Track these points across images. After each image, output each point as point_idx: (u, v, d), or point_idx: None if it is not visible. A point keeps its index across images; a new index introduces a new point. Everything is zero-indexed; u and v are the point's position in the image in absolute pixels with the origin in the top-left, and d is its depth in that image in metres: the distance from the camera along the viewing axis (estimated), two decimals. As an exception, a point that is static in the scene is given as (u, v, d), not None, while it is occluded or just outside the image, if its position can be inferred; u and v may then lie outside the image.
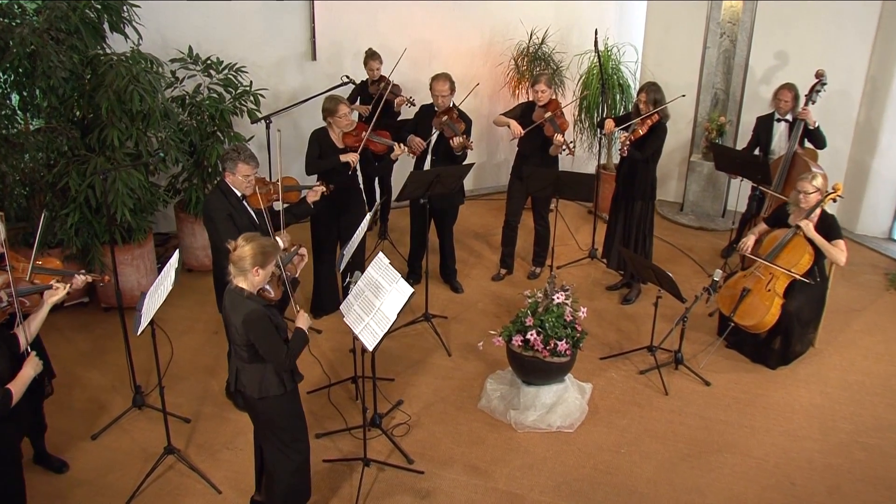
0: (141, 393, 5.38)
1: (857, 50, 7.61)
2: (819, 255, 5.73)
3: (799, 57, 7.74)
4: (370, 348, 4.25)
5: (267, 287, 4.02)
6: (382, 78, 7.27)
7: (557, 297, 5.21)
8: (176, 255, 4.55)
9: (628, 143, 6.21)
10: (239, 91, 6.91)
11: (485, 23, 8.45)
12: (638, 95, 6.46)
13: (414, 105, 7.13)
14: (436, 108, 6.53)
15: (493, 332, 5.40)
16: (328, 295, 6.51)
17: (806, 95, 6.81)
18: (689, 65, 8.24)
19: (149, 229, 6.53)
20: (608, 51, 7.90)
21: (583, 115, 8.33)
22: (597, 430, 5.29)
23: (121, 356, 5.48)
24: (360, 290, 4.53)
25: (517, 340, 5.18)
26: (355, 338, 4.41)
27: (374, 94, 7.07)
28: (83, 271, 4.55)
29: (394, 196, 6.80)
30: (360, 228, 5.33)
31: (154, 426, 5.16)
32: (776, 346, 5.91)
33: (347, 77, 6.09)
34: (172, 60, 6.79)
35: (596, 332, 6.35)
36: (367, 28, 7.86)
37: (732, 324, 5.91)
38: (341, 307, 4.63)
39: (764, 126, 7.07)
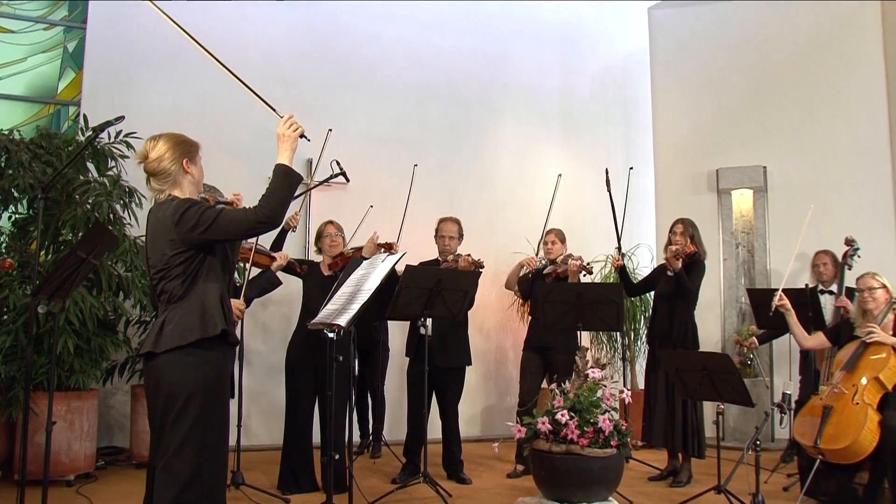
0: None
1: (883, 242, 7.17)
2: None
3: (822, 255, 7.28)
4: (344, 324, 3.16)
5: None
6: None
7: (593, 373, 4.07)
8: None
9: (679, 254, 5.48)
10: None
11: (488, 245, 8.13)
12: (673, 227, 5.88)
13: None
14: (439, 258, 5.89)
15: (510, 424, 4.10)
16: (302, 467, 5.19)
17: (841, 263, 6.23)
18: (707, 280, 7.70)
19: (96, 379, 5.47)
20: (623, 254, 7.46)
21: (600, 332, 7.57)
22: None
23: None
24: (336, 297, 3.53)
25: (544, 425, 3.91)
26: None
27: None
28: None
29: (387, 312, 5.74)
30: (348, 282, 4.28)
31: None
32: (886, 490, 4.49)
33: (339, 164, 5.54)
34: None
35: (643, 502, 4.93)
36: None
37: (820, 458, 4.56)
38: (308, 324, 3.58)
39: (810, 301, 6.33)
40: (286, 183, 2.85)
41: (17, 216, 5.68)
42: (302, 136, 2.93)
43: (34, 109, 7.50)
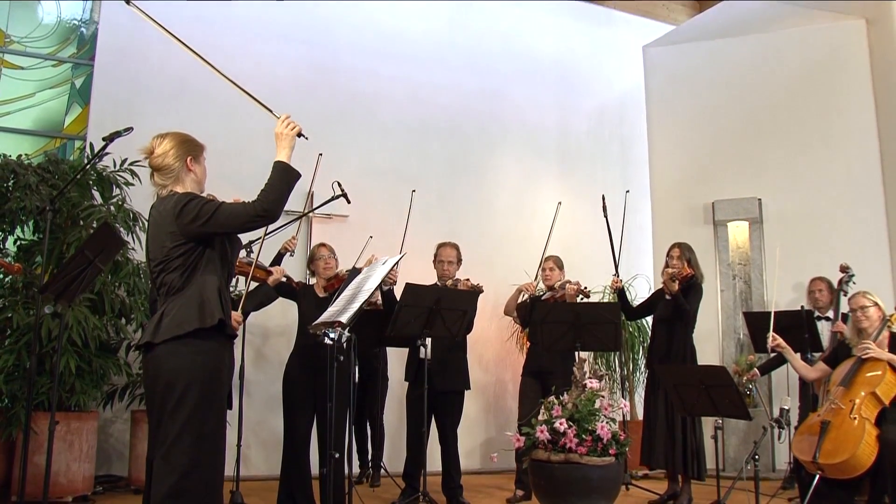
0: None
1: (877, 268, 7.25)
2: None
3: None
4: (345, 321, 3.21)
5: None
6: None
7: (591, 383, 4.10)
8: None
9: (676, 277, 5.54)
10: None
11: (487, 278, 8.16)
12: (670, 251, 5.96)
13: None
14: (438, 283, 5.96)
15: (509, 433, 4.12)
16: (300, 488, 5.16)
17: (837, 289, 6.30)
18: (705, 311, 7.75)
19: (96, 400, 5.48)
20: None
21: (599, 361, 7.59)
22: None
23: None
24: (338, 301, 3.59)
25: (542, 433, 3.93)
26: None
27: None
28: None
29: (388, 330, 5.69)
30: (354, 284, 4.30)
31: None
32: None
33: (340, 185, 5.58)
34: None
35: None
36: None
37: (819, 473, 4.56)
38: (309, 327, 3.62)
39: (805, 323, 6.37)
40: (284, 178, 2.94)
41: (22, 241, 5.76)
42: (300, 134, 3.03)
43: (41, 143, 7.63)
